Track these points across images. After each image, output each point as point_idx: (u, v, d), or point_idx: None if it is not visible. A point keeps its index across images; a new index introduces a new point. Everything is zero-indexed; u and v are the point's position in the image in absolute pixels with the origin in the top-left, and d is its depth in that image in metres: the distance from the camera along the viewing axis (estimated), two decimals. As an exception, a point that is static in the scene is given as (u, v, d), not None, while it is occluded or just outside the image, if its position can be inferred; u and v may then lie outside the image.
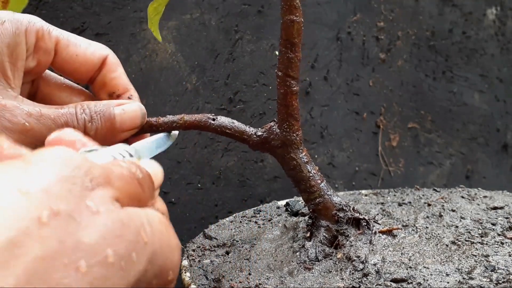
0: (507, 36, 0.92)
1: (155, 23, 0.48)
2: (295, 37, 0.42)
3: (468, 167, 0.93)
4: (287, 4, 0.42)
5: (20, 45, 0.40)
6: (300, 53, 0.43)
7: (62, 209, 0.21)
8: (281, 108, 0.44)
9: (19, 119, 0.38)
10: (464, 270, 0.39)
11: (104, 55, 0.43)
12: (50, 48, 0.41)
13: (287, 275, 0.42)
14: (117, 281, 0.21)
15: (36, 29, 0.40)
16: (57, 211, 0.21)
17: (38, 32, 0.41)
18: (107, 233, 0.22)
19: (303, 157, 0.45)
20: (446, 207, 0.52)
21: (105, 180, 0.23)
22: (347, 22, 0.81)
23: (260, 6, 0.74)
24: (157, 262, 0.24)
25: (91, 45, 0.43)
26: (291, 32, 0.42)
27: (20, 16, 0.40)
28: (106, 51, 0.44)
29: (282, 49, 0.43)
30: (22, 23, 0.40)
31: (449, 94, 0.89)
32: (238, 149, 0.75)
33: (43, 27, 0.41)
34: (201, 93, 0.73)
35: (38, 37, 0.41)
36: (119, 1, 0.68)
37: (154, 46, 0.70)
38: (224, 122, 0.45)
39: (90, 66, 0.43)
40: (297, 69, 0.43)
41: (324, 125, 0.81)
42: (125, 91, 0.44)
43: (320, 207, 0.45)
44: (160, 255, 0.24)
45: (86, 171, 0.23)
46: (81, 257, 0.20)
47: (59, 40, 0.42)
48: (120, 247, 0.22)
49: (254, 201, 0.76)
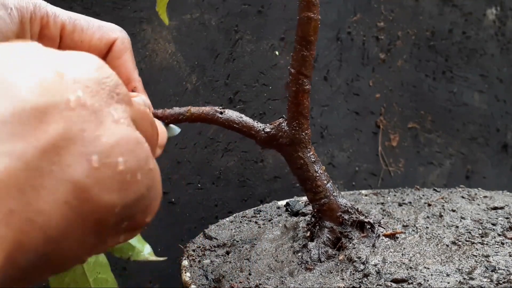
0: (507, 36, 0.92)
1: (163, 6, 0.46)
2: (311, 35, 0.41)
3: (468, 167, 0.93)
4: (305, 1, 0.41)
5: (26, 34, 0.38)
6: (315, 52, 0.42)
7: (88, 103, 0.22)
8: (291, 106, 0.44)
9: None
10: (464, 270, 0.39)
11: (111, 40, 0.41)
12: (55, 35, 0.40)
13: (288, 275, 0.42)
14: (118, 192, 0.23)
15: (41, 15, 0.39)
16: (84, 102, 0.22)
17: (43, 19, 0.39)
18: (123, 143, 0.23)
19: (310, 156, 0.44)
20: (446, 207, 0.52)
21: (128, 100, 0.25)
22: (347, 22, 0.80)
23: (260, 6, 0.74)
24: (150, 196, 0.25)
25: (101, 28, 0.41)
26: (307, 29, 0.41)
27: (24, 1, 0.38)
28: (114, 35, 0.41)
29: (297, 46, 0.42)
30: (27, 10, 0.38)
31: (449, 94, 0.89)
32: (238, 149, 0.75)
33: (48, 12, 0.39)
34: (201, 93, 0.73)
35: (43, 25, 0.39)
36: (119, 1, 0.68)
37: (154, 46, 0.70)
38: (232, 116, 0.44)
39: (96, 52, 0.41)
40: (310, 67, 0.43)
41: (324, 125, 0.81)
42: (128, 81, 0.43)
43: (325, 208, 0.44)
44: (153, 192, 0.26)
45: (115, 83, 0.24)
46: (96, 152, 0.22)
47: (64, 26, 0.40)
48: (131, 160, 0.23)
49: (254, 201, 0.76)
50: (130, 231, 0.26)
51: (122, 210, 0.23)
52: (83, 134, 0.22)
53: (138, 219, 0.26)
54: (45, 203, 0.21)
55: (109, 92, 0.24)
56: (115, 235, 0.25)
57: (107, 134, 0.23)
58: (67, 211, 0.21)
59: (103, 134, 0.22)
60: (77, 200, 0.21)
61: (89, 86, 0.23)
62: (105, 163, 0.22)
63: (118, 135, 0.23)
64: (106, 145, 0.22)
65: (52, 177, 0.21)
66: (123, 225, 0.25)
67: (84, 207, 0.22)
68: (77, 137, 0.22)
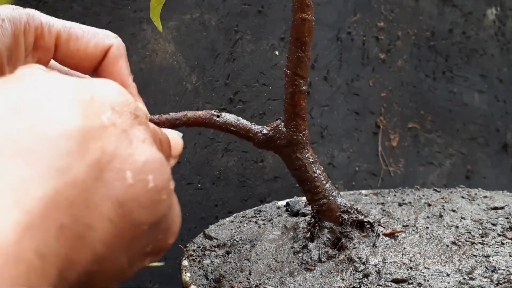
0: (507, 36, 0.92)
1: (157, 13, 0.47)
2: (305, 36, 0.41)
3: (468, 167, 0.93)
4: (299, 2, 0.41)
5: (19, 46, 0.37)
6: (310, 53, 0.42)
7: (118, 122, 0.24)
8: (288, 107, 0.44)
9: None
10: (464, 270, 0.39)
11: (106, 47, 0.41)
12: (49, 46, 0.39)
13: (288, 276, 0.42)
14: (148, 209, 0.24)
15: (35, 26, 0.38)
16: (114, 122, 0.24)
17: (37, 30, 0.38)
18: (152, 161, 0.24)
19: (308, 157, 0.44)
20: (446, 207, 0.52)
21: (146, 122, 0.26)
22: (347, 22, 0.80)
23: (260, 6, 0.74)
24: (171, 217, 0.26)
25: (96, 35, 0.41)
26: (301, 30, 0.41)
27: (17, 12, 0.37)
28: (109, 42, 0.41)
29: (292, 47, 0.42)
30: (20, 21, 0.37)
31: (449, 94, 0.89)
32: (238, 149, 0.75)
33: (42, 23, 0.38)
34: (201, 93, 0.73)
35: (37, 36, 0.38)
36: (119, 1, 0.68)
37: (154, 46, 0.70)
38: (229, 119, 0.44)
39: (92, 59, 0.41)
40: (306, 68, 0.43)
41: (324, 125, 0.81)
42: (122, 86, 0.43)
43: (324, 208, 0.44)
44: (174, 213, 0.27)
45: (135, 106, 0.26)
46: (130, 169, 0.23)
47: (59, 35, 0.39)
48: (159, 179, 0.24)
49: (254, 201, 0.76)
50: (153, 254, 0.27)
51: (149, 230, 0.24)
52: (118, 151, 0.23)
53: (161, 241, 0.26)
54: (93, 219, 0.21)
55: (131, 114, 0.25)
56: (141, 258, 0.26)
57: (137, 153, 0.24)
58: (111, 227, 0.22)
59: (134, 153, 0.24)
60: (117, 216, 0.22)
61: (115, 108, 0.24)
62: (138, 180, 0.23)
63: (147, 154, 0.24)
64: (138, 163, 0.24)
65: (98, 193, 0.22)
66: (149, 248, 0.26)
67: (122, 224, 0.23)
68: (114, 154, 0.23)
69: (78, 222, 0.21)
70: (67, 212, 0.20)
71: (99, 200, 0.22)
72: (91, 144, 0.22)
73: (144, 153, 0.24)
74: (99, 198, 0.22)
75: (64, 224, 0.20)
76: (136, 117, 0.25)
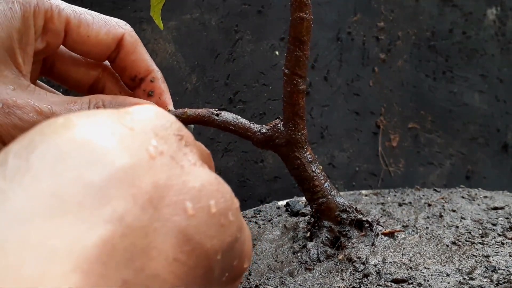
0: (507, 36, 0.92)
1: (158, 11, 0.46)
2: (304, 35, 0.41)
3: (468, 167, 0.93)
4: (297, 1, 0.40)
5: (29, 29, 0.37)
6: (308, 52, 0.42)
7: (165, 150, 0.22)
8: (287, 106, 0.44)
9: (30, 116, 0.36)
10: (464, 270, 0.39)
11: (118, 35, 0.40)
12: (59, 30, 0.39)
13: (288, 276, 0.42)
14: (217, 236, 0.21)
15: (44, 9, 0.38)
16: (161, 150, 0.22)
17: (47, 13, 0.38)
18: (209, 185, 0.22)
19: (307, 156, 0.45)
20: (446, 208, 0.52)
21: (192, 141, 0.24)
22: (347, 22, 0.80)
23: (260, 6, 0.74)
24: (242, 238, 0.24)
25: (107, 23, 0.40)
26: (299, 29, 0.41)
27: None
28: (120, 30, 0.40)
29: (290, 46, 0.42)
30: (30, 4, 0.37)
31: (449, 94, 0.89)
32: (238, 149, 0.75)
33: (52, 6, 0.38)
34: (201, 93, 0.73)
35: (47, 19, 0.38)
36: (119, 1, 0.68)
37: (154, 46, 0.70)
38: (228, 118, 0.44)
39: (103, 48, 0.40)
40: (304, 67, 0.43)
41: (324, 125, 0.81)
42: (147, 73, 0.42)
43: (323, 208, 0.44)
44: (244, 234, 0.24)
45: (178, 126, 0.24)
46: (188, 199, 0.21)
47: (69, 20, 0.39)
48: (220, 201, 0.22)
49: (254, 201, 0.76)
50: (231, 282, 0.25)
51: (222, 258, 0.22)
52: (171, 182, 0.21)
53: (236, 267, 0.24)
54: (157, 265, 0.19)
55: (175, 136, 0.23)
56: None
57: (191, 179, 0.22)
58: (179, 268, 0.20)
59: (189, 179, 0.21)
60: (184, 254, 0.20)
61: (158, 134, 0.22)
62: (199, 208, 0.21)
63: (203, 177, 0.22)
64: (195, 190, 0.21)
65: (157, 234, 0.20)
66: (224, 278, 0.23)
67: (191, 261, 0.21)
68: (167, 186, 0.21)
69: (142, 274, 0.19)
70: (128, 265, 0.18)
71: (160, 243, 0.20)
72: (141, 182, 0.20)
73: (199, 177, 0.22)
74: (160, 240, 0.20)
75: (126, 279, 0.18)
76: (181, 138, 0.23)
